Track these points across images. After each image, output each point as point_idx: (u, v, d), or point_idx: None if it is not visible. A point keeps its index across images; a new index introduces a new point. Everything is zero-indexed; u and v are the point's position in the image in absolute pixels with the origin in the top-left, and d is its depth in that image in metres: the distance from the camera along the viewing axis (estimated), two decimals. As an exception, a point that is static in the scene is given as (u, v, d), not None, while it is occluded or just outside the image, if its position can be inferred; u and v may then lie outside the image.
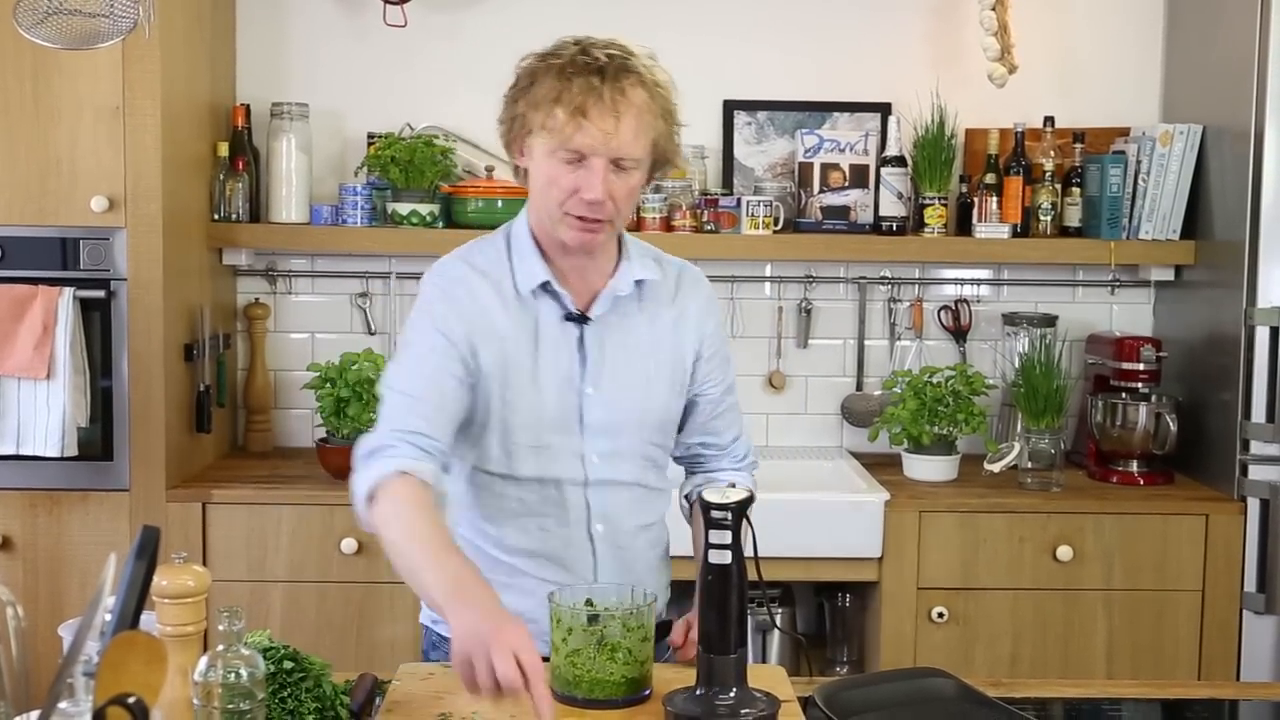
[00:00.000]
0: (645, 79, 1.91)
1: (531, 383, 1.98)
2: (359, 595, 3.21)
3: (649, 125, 1.91)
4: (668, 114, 1.95)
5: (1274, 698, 2.08)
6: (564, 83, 1.87)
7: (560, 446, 2.00)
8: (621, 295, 2.02)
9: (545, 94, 1.89)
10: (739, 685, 1.73)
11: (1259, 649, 3.24)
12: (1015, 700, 1.87)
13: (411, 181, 3.46)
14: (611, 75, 1.88)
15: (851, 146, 3.62)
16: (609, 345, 2.02)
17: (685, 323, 2.08)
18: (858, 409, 3.75)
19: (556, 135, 1.88)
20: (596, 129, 1.86)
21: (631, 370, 2.03)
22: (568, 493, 2.01)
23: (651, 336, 2.05)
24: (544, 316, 2.00)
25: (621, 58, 1.90)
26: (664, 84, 1.95)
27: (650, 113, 1.91)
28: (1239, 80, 3.27)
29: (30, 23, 2.20)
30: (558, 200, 1.92)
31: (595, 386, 2.00)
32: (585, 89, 1.86)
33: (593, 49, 1.90)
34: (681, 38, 3.67)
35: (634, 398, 2.03)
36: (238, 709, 1.53)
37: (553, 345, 1.99)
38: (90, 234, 3.14)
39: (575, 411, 2.00)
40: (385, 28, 3.61)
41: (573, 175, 1.89)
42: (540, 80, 1.91)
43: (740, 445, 2.19)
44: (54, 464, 3.13)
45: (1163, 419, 3.41)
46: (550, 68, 1.90)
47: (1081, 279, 3.77)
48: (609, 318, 2.02)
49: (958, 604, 3.24)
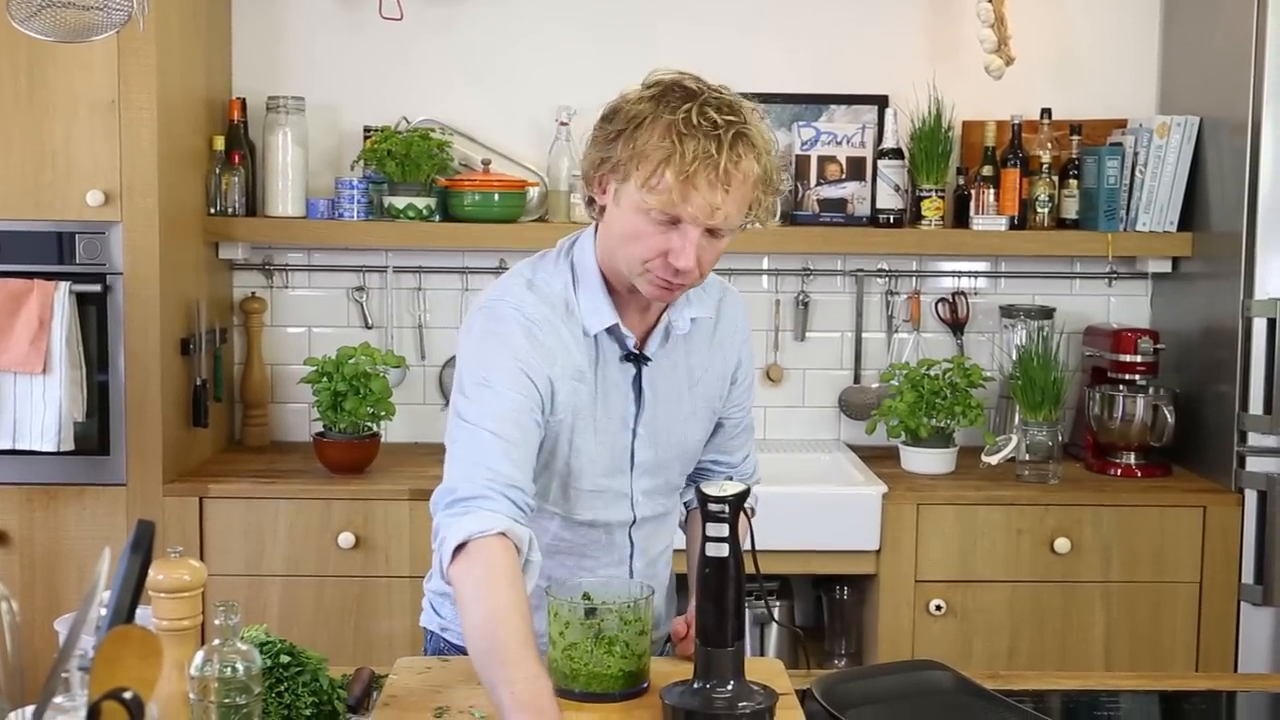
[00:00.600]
0: (758, 146, 1.77)
1: (594, 425, 1.90)
2: (356, 589, 3.21)
3: (753, 196, 1.79)
4: (770, 183, 1.81)
5: (1272, 689, 2.08)
6: (676, 143, 1.71)
7: (613, 489, 1.95)
8: (679, 333, 1.94)
9: (653, 150, 1.73)
10: (736, 678, 1.72)
11: (1256, 640, 3.25)
12: (1013, 692, 1.88)
13: (408, 175, 3.45)
14: (729, 145, 1.72)
15: (848, 139, 3.62)
16: (660, 383, 1.95)
17: (725, 349, 2.03)
18: (855, 402, 3.75)
19: (658, 197, 1.73)
20: (705, 202, 1.73)
21: (678, 407, 1.97)
22: (615, 534, 1.98)
23: (692, 370, 1.99)
24: (606, 356, 1.91)
25: (739, 124, 1.75)
26: (771, 149, 1.81)
27: (756, 184, 1.78)
28: (1236, 72, 3.26)
29: (24, 16, 2.19)
30: (640, 258, 1.79)
31: (646, 427, 1.95)
32: (700, 156, 1.71)
33: (709, 109, 1.74)
34: (678, 30, 3.67)
35: (676, 434, 1.98)
36: (234, 703, 1.53)
37: (613, 386, 1.91)
38: (86, 228, 3.13)
39: (627, 453, 1.95)
40: (381, 21, 3.60)
41: (663, 237, 1.76)
42: (648, 129, 1.75)
43: (749, 464, 2.17)
44: (50, 458, 3.13)
45: (1160, 411, 3.41)
46: (660, 120, 1.74)
47: (1079, 271, 3.77)
48: (661, 354, 1.95)
49: (955, 596, 3.24)
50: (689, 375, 1.98)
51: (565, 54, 3.68)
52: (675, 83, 1.79)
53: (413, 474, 3.30)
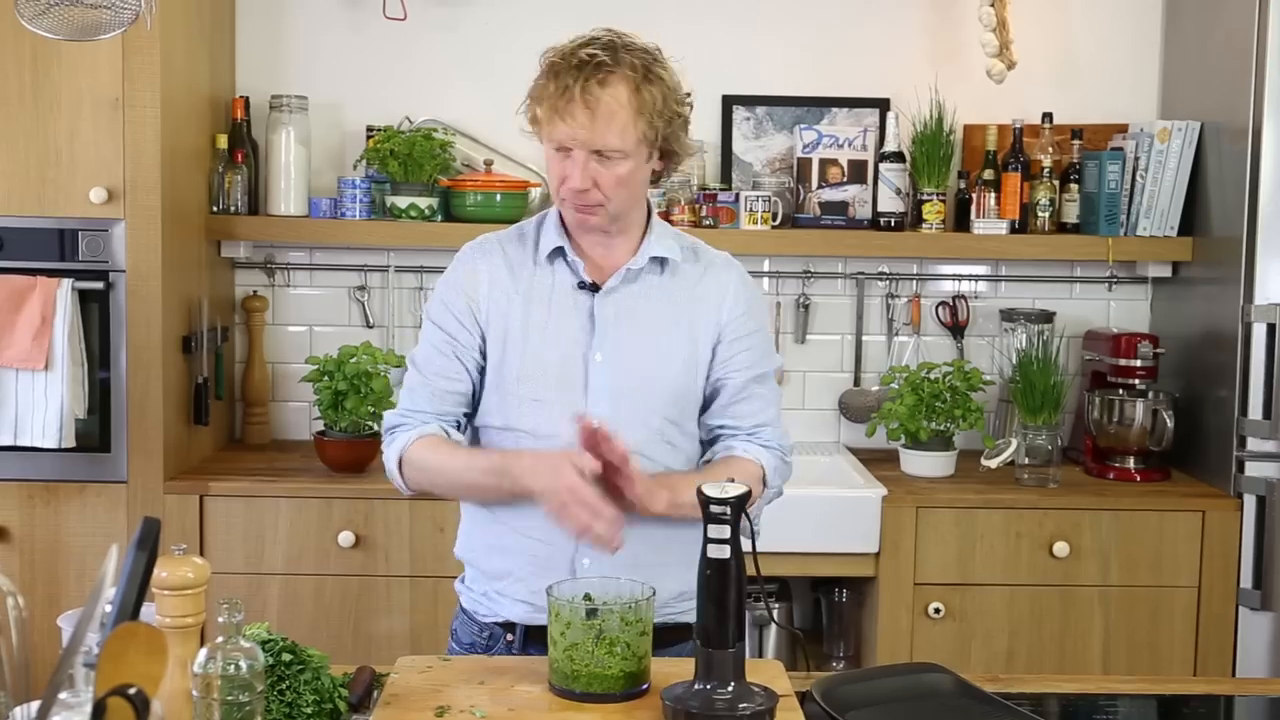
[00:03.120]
0: (630, 76, 1.99)
1: (534, 341, 2.08)
2: (356, 588, 3.21)
3: (631, 119, 2.00)
4: (659, 111, 2.02)
5: (1270, 693, 2.08)
6: (550, 80, 2.00)
7: (560, 405, 2.05)
8: (635, 269, 2.11)
9: (539, 90, 2.03)
10: (737, 680, 1.73)
11: (1255, 645, 3.25)
12: (1012, 696, 1.88)
13: (410, 175, 3.46)
14: (588, 73, 1.98)
15: (850, 142, 3.62)
16: (623, 316, 2.10)
17: (706, 304, 2.14)
18: (855, 404, 3.76)
19: (542, 129, 2.04)
20: (567, 125, 1.99)
21: (644, 342, 2.10)
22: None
23: (670, 313, 2.12)
24: (559, 283, 2.11)
25: (608, 59, 1.99)
26: (658, 79, 2.03)
27: (632, 107, 2.00)
28: (1237, 77, 3.27)
29: (32, 14, 2.20)
30: (554, 187, 2.07)
31: (603, 353, 2.08)
32: (561, 89, 1.98)
33: (582, 48, 2.00)
34: (680, 32, 3.64)
35: (643, 367, 2.08)
36: (236, 701, 1.54)
37: (562, 310, 2.10)
38: (89, 225, 3.14)
39: (580, 374, 2.07)
40: (385, 21, 3.61)
41: (562, 165, 2.03)
42: (541, 75, 2.04)
43: (766, 432, 2.17)
44: (52, 455, 3.13)
45: (1159, 415, 3.42)
46: (546, 64, 2.03)
47: (1079, 275, 3.77)
48: (624, 289, 2.11)
49: (954, 600, 3.24)
50: (669, 313, 2.12)
51: (568, 55, 3.67)
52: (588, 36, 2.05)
53: (413, 473, 3.30)
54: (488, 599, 2.14)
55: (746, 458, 2.11)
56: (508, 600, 2.11)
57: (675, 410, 2.11)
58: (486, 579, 2.14)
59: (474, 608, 2.17)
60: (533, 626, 2.08)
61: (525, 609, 2.09)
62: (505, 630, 2.12)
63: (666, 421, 2.10)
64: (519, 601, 2.10)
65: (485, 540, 2.14)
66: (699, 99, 3.69)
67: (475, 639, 2.15)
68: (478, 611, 2.16)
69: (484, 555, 2.15)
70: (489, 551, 2.14)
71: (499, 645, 2.12)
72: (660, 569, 2.01)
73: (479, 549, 2.16)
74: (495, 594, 2.13)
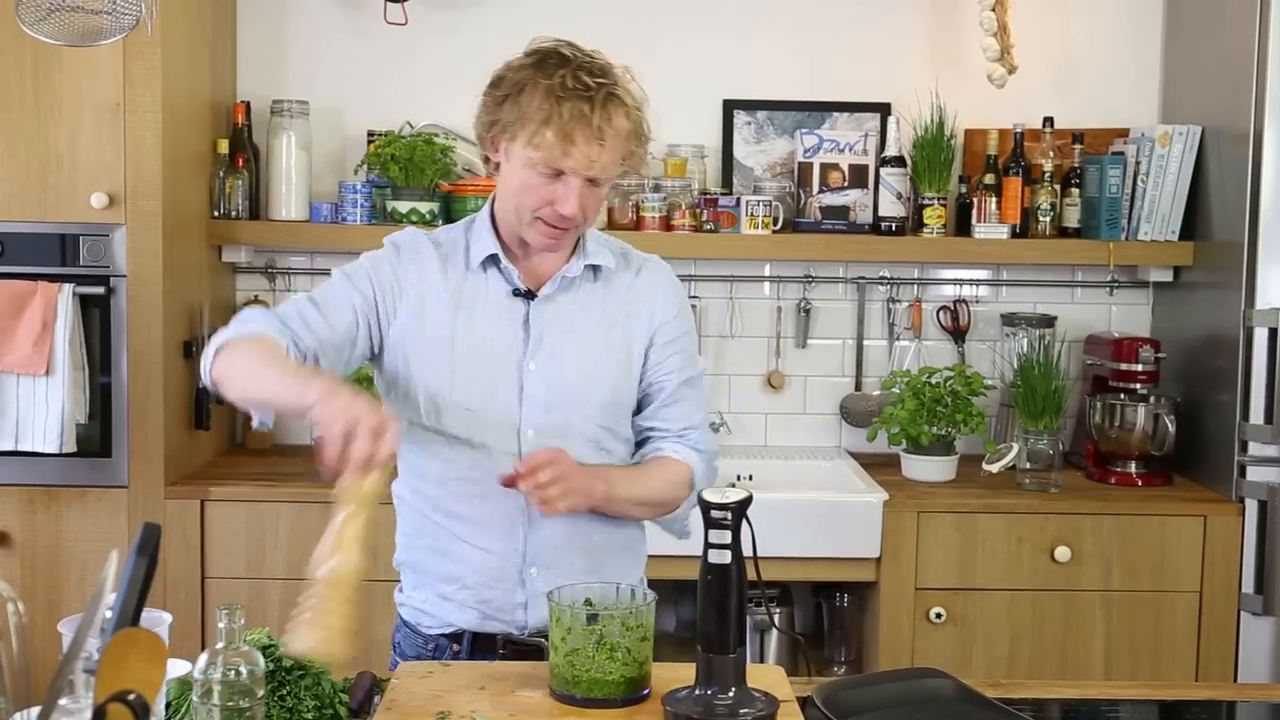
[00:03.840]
0: (628, 104, 1.99)
1: (465, 350, 2.04)
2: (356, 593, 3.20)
3: (626, 149, 2.01)
4: (641, 135, 2.03)
5: (1272, 699, 2.08)
6: (554, 105, 1.94)
7: (494, 413, 2.04)
8: (571, 277, 2.08)
9: (534, 112, 1.95)
10: (738, 685, 1.73)
11: (1257, 650, 3.25)
12: (1013, 701, 1.87)
13: (411, 179, 3.46)
14: (600, 103, 1.95)
15: (851, 146, 3.62)
16: (557, 325, 2.07)
17: (639, 308, 2.13)
18: (856, 409, 3.75)
19: (542, 153, 1.95)
20: (582, 155, 1.95)
21: (578, 350, 2.08)
22: (498, 460, 2.03)
23: (604, 320, 2.10)
24: (491, 290, 2.07)
25: (609, 85, 1.97)
26: (640, 105, 2.03)
27: (629, 137, 2.00)
28: (1238, 81, 3.27)
29: (33, 19, 2.20)
30: (531, 207, 2.00)
31: (537, 362, 2.05)
32: (576, 116, 1.93)
33: (582, 73, 1.96)
34: (681, 37, 3.68)
35: (578, 376, 2.07)
36: (237, 706, 1.53)
37: (495, 318, 2.06)
38: (90, 230, 3.14)
39: (515, 384, 2.05)
40: (386, 25, 3.61)
41: (549, 188, 1.97)
42: (529, 94, 1.96)
43: (694, 434, 2.16)
44: (52, 460, 3.13)
45: (1161, 420, 3.42)
46: (539, 85, 1.96)
47: (1080, 280, 3.77)
48: (560, 298, 2.08)
49: (956, 604, 3.24)
50: (603, 320, 2.10)
51: (569, 60, 3.68)
52: (552, 50, 2.01)
53: (414, 478, 3.29)
54: (431, 606, 2.11)
55: (677, 459, 2.12)
56: (455, 606, 2.08)
57: (609, 417, 2.11)
58: (432, 582, 2.11)
59: (417, 620, 2.13)
60: (481, 635, 2.07)
61: (474, 615, 2.07)
62: (451, 641, 2.10)
63: (600, 428, 2.09)
64: (468, 608, 2.08)
65: (428, 543, 2.11)
66: (699, 103, 3.72)
67: (420, 651, 2.12)
68: (421, 623, 2.13)
69: (428, 557, 2.11)
70: (432, 554, 2.10)
71: (445, 656, 2.09)
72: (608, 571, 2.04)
73: (421, 551, 2.12)
74: (441, 599, 2.09)
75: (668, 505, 2.13)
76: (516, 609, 2.06)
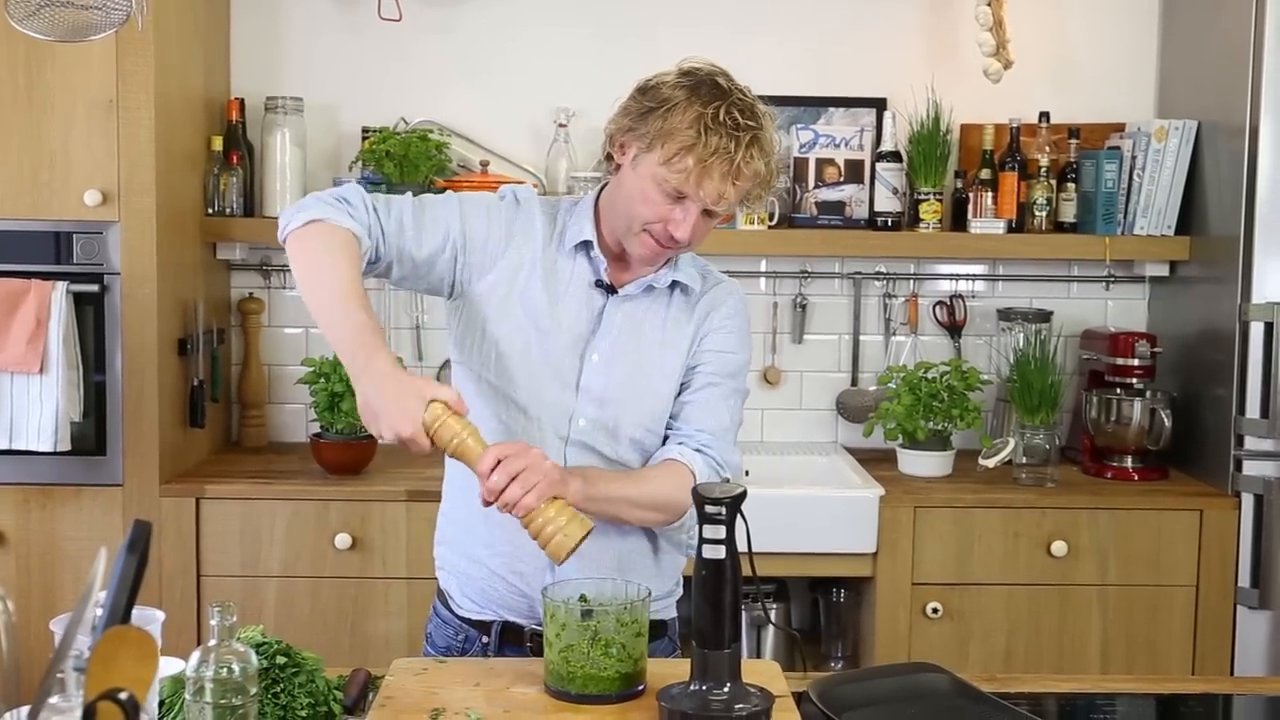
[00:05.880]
0: (767, 151, 1.99)
1: (539, 325, 2.05)
2: (352, 590, 3.21)
3: (752, 192, 2.03)
4: (769, 184, 2.04)
5: (1268, 692, 2.08)
6: (702, 134, 1.93)
7: (552, 393, 2.06)
8: (656, 287, 2.10)
9: (681, 134, 1.94)
10: (733, 680, 1.72)
11: (1252, 644, 3.25)
12: (1009, 695, 1.87)
13: (406, 176, 3.45)
14: (745, 144, 1.95)
15: (847, 142, 3.62)
16: (627, 325, 2.09)
17: (701, 328, 2.13)
18: (853, 404, 3.75)
19: (676, 176, 1.95)
20: (714, 189, 1.95)
21: (639, 354, 2.09)
22: (547, 438, 2.05)
23: (668, 334, 2.11)
24: (577, 274, 2.09)
25: (756, 129, 1.96)
26: (775, 152, 2.03)
27: (759, 183, 2.01)
28: (1234, 76, 3.26)
29: (22, 15, 2.19)
30: (643, 219, 2.00)
31: (600, 354, 2.07)
32: (719, 152, 1.93)
33: (735, 110, 1.95)
34: (677, 33, 3.67)
35: (634, 378, 2.08)
36: (230, 704, 1.53)
37: (574, 302, 2.08)
38: (84, 228, 3.13)
39: (575, 370, 2.06)
40: (380, 22, 3.60)
41: (667, 208, 1.98)
42: (679, 115, 1.95)
43: (704, 437, 2.12)
44: (47, 458, 3.12)
45: (1157, 414, 3.41)
46: (691, 110, 1.94)
47: (1076, 274, 3.77)
48: (639, 300, 2.10)
49: (952, 599, 3.24)
50: (667, 335, 2.11)
51: (563, 56, 3.68)
52: (709, 76, 2.00)
53: (410, 475, 3.29)
54: (468, 567, 2.13)
55: (681, 462, 2.06)
56: (487, 572, 2.11)
57: (657, 422, 2.11)
58: (470, 546, 2.13)
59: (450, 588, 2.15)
60: (509, 625, 2.09)
61: (502, 586, 2.10)
62: (481, 632, 2.11)
63: (648, 431, 2.10)
64: (498, 576, 2.10)
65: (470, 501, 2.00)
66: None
67: (451, 642, 2.14)
68: (453, 596, 2.14)
69: (471, 517, 2.09)
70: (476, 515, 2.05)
71: (475, 647, 2.11)
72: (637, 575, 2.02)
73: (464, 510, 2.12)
74: (474, 563, 2.12)
75: (671, 509, 2.06)
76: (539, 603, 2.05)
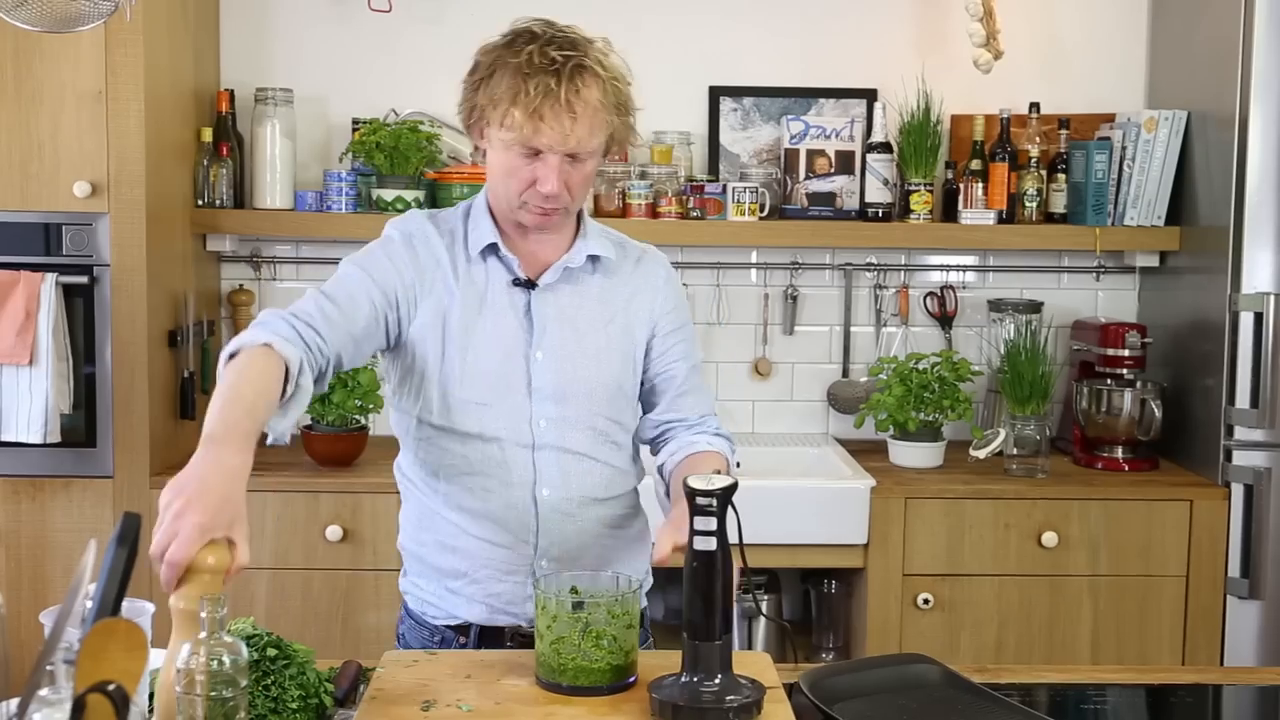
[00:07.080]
0: (600, 75, 1.95)
1: (473, 342, 2.02)
2: (343, 583, 3.20)
3: (604, 120, 1.96)
4: (622, 106, 1.99)
5: (1258, 683, 2.08)
6: (521, 83, 1.91)
7: (504, 407, 2.02)
8: (572, 268, 2.07)
9: (503, 92, 1.93)
10: (724, 672, 1.72)
11: (1243, 634, 3.26)
12: (1000, 686, 1.88)
13: (396, 167, 3.44)
14: (567, 76, 1.91)
15: (837, 133, 3.62)
16: (559, 315, 2.05)
17: (639, 300, 2.11)
18: (844, 396, 3.75)
19: (514, 133, 1.93)
20: (553, 130, 1.92)
21: (582, 340, 2.06)
22: (510, 453, 2.03)
23: (605, 311, 2.09)
24: (492, 280, 2.04)
25: (577, 57, 1.93)
26: (619, 76, 1.98)
27: (605, 109, 1.95)
28: (1224, 66, 3.27)
29: (10, 5, 2.18)
30: (516, 190, 1.98)
31: (544, 351, 2.04)
32: (542, 91, 1.90)
33: (550, 48, 1.92)
34: (667, 23, 3.66)
35: (584, 366, 2.05)
36: (220, 696, 1.53)
37: (498, 308, 2.04)
38: (73, 219, 3.12)
39: (523, 375, 2.03)
40: (370, 13, 3.59)
41: (529, 168, 1.95)
42: (499, 75, 1.94)
43: (711, 421, 2.17)
44: (37, 450, 3.12)
45: (1147, 405, 3.42)
46: (508, 65, 1.93)
47: (1067, 265, 3.77)
48: (560, 288, 2.06)
49: (943, 590, 3.24)
50: (604, 312, 2.08)
51: (554, 46, 3.67)
52: (524, 29, 1.98)
53: (401, 467, 3.29)
54: (439, 599, 2.09)
55: (713, 450, 2.09)
56: (463, 600, 2.07)
57: (615, 409, 2.10)
58: (438, 576, 2.09)
59: (422, 610, 2.11)
60: (488, 628, 2.07)
61: (482, 610, 2.06)
62: (458, 633, 2.08)
63: (609, 421, 2.09)
64: (476, 602, 2.06)
65: (435, 537, 2.08)
66: (685, 90, 3.71)
67: (426, 643, 2.11)
68: (426, 613, 2.11)
69: (434, 552, 2.09)
70: (439, 549, 2.08)
71: (452, 649, 2.07)
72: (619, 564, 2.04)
73: (428, 544, 2.10)
74: (448, 593, 2.08)
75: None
76: (526, 601, 2.03)
